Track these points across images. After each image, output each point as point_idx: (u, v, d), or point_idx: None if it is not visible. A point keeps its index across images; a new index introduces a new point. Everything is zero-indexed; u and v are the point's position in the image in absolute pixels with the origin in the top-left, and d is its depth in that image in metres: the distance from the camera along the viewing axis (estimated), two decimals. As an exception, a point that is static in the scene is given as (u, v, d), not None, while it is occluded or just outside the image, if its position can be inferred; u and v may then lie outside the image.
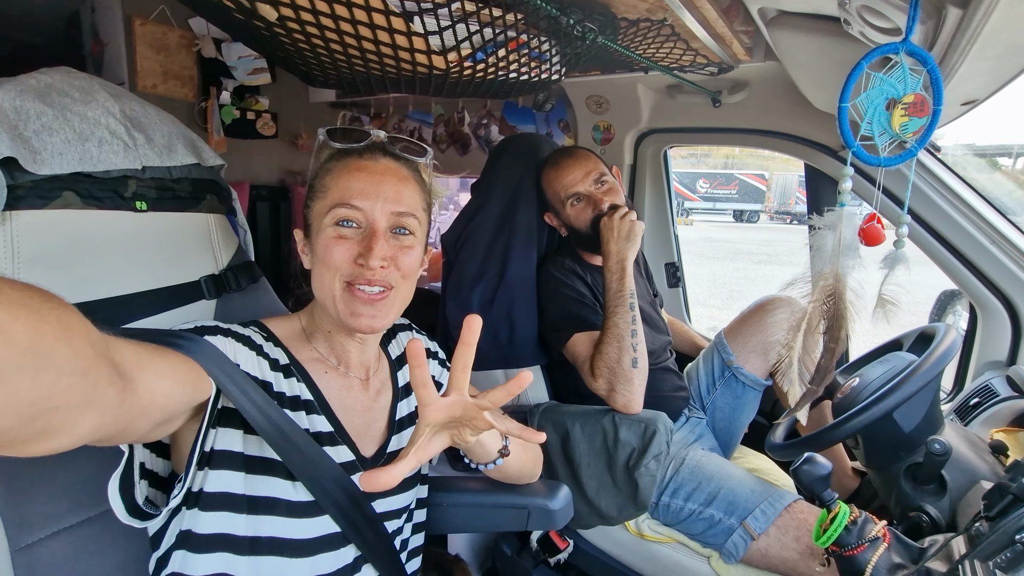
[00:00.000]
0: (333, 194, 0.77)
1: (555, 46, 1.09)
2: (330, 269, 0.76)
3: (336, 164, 0.80)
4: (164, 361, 0.57)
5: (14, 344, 0.36)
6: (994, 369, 1.45)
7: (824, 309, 0.81)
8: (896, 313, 0.80)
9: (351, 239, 0.76)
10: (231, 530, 0.70)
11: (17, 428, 0.39)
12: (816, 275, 0.80)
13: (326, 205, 0.77)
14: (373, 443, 0.85)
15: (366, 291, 0.76)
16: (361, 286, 0.76)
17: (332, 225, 0.76)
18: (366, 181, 0.77)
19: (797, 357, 0.90)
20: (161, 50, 2.06)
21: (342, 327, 0.81)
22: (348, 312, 0.76)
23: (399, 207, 0.78)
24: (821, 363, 0.88)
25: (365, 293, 0.76)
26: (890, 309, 0.81)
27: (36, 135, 0.72)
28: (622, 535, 1.32)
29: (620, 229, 1.30)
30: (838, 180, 0.93)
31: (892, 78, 0.63)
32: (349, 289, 0.76)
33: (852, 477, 1.51)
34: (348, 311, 0.76)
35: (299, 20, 0.81)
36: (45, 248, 0.74)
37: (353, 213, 0.76)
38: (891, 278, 0.78)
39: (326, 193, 0.78)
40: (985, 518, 0.88)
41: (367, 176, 0.78)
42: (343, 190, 0.77)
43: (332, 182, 0.79)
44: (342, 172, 0.79)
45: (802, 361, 0.92)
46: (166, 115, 0.90)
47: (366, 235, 0.76)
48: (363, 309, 0.77)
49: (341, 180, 0.78)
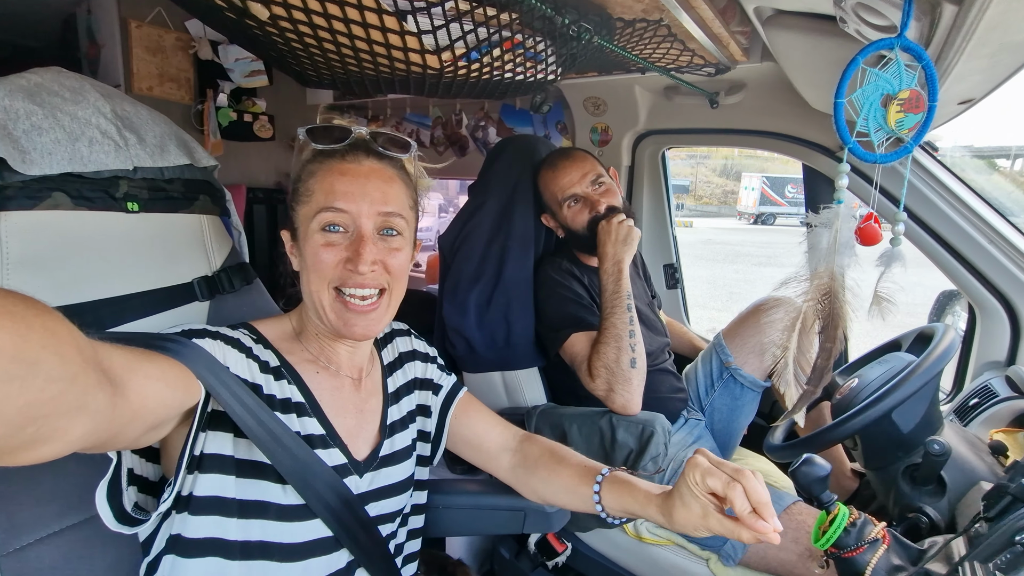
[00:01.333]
0: (318, 198, 0.76)
1: (550, 46, 1.08)
2: (319, 276, 0.76)
3: (319, 167, 0.79)
4: (153, 365, 0.57)
5: (0, 353, 0.35)
6: (993, 369, 1.45)
7: (819, 308, 0.81)
8: (892, 311, 0.79)
9: (339, 244, 0.76)
10: (222, 534, 0.69)
11: (7, 437, 0.39)
12: (812, 273, 0.80)
13: (311, 210, 0.76)
14: (366, 446, 0.84)
15: (357, 301, 0.76)
16: (351, 290, 0.76)
17: (319, 231, 0.76)
18: (350, 184, 0.76)
19: (792, 358, 0.90)
20: (157, 53, 2.06)
21: (332, 333, 0.80)
22: (340, 322, 0.76)
23: (386, 207, 0.77)
24: (818, 363, 0.87)
25: (356, 304, 0.76)
26: (886, 307, 0.80)
27: (25, 135, 0.71)
28: (620, 538, 1.31)
29: (617, 233, 1.30)
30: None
31: (887, 74, 0.63)
32: (339, 298, 0.76)
33: (851, 478, 1.50)
34: (340, 321, 0.76)
35: (291, 19, 0.80)
36: (35, 249, 0.73)
37: (339, 217, 0.75)
38: (887, 276, 0.77)
39: (310, 197, 0.77)
40: (984, 519, 0.87)
41: (351, 179, 0.77)
42: (327, 194, 0.76)
43: (316, 185, 0.77)
44: (326, 175, 0.77)
45: (797, 362, 0.91)
46: (158, 115, 0.90)
47: (354, 240, 0.76)
48: (356, 319, 0.77)
49: (325, 183, 0.77)
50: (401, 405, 0.92)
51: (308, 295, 0.78)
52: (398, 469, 0.87)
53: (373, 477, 0.83)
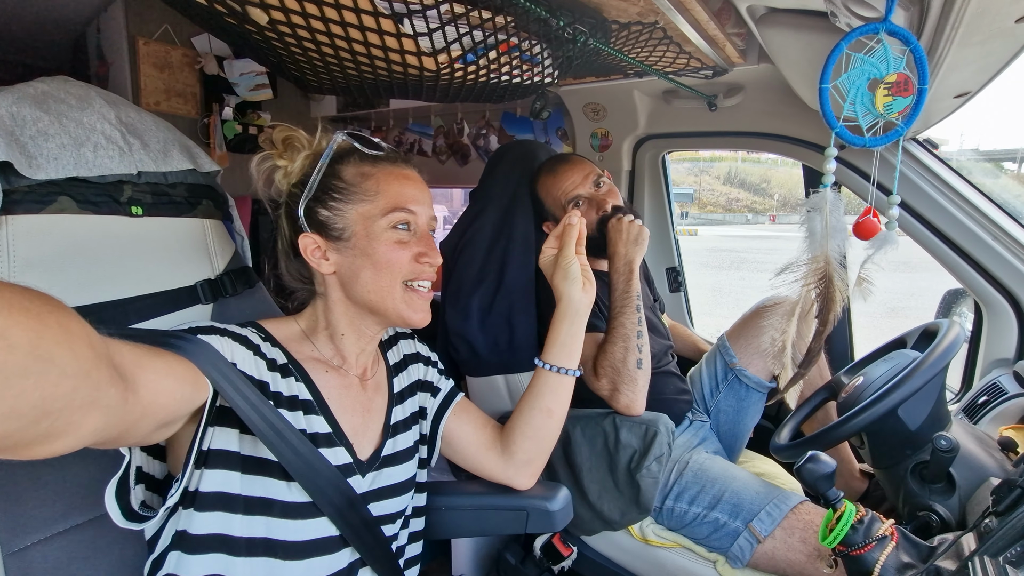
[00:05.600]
0: (384, 198, 0.81)
1: (546, 49, 1.10)
2: (391, 271, 0.80)
3: (376, 170, 0.82)
4: (162, 362, 0.57)
5: (16, 349, 0.36)
6: (1002, 367, 1.43)
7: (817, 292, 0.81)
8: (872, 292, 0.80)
9: (408, 242, 0.82)
10: (227, 531, 0.70)
11: (22, 431, 0.39)
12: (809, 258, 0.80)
13: (377, 208, 0.80)
14: (370, 444, 0.85)
15: (423, 290, 0.84)
16: (420, 283, 0.83)
17: (390, 228, 0.80)
18: (415, 188, 0.84)
19: (791, 341, 0.90)
20: (164, 68, 2.10)
21: (385, 323, 0.86)
22: (409, 308, 0.82)
23: (431, 211, 0.86)
24: (811, 346, 0.87)
25: (424, 292, 0.84)
26: (866, 288, 0.81)
27: (32, 140, 0.73)
28: (626, 541, 1.30)
29: (629, 232, 1.30)
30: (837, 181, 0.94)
31: (873, 58, 0.63)
32: (408, 290, 0.82)
33: (860, 479, 1.48)
34: (410, 308, 0.82)
35: (289, 23, 0.82)
36: (41, 252, 0.75)
37: (410, 217, 0.82)
38: (873, 259, 0.78)
39: (373, 197, 0.81)
40: (994, 513, 0.86)
41: (415, 184, 0.84)
42: (396, 195, 0.81)
43: (377, 187, 0.81)
44: (389, 179, 0.82)
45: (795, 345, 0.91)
46: (162, 122, 0.92)
47: (421, 237, 0.83)
48: (421, 305, 0.84)
49: (392, 186, 0.82)
50: (405, 406, 0.92)
51: (371, 293, 0.81)
52: (400, 470, 0.87)
53: (375, 477, 0.83)
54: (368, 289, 0.80)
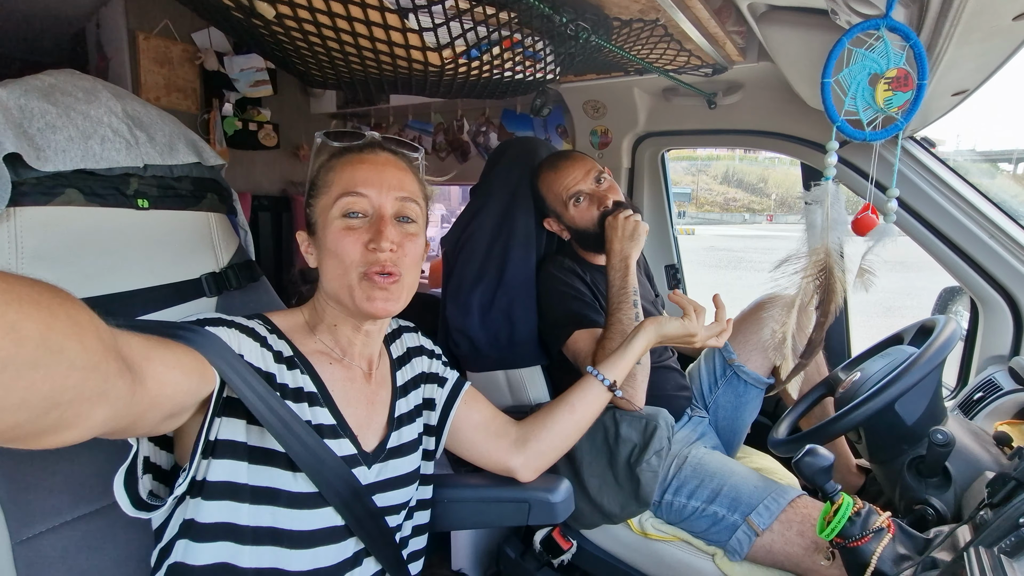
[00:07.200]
0: (337, 186, 0.79)
1: (549, 45, 1.11)
2: (343, 261, 0.77)
3: (337, 161, 0.82)
4: (170, 353, 0.58)
5: (26, 341, 0.36)
6: (997, 363, 1.44)
7: (817, 284, 0.82)
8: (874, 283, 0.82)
9: (359, 228, 0.78)
10: (234, 519, 0.70)
11: (32, 421, 0.40)
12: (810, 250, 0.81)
13: (331, 198, 0.79)
14: (374, 437, 0.85)
15: (379, 278, 0.78)
16: (380, 273, 0.78)
17: (340, 217, 0.78)
18: (369, 171, 0.80)
19: (791, 333, 0.91)
20: (164, 64, 2.10)
21: (354, 316, 0.82)
22: (365, 298, 0.77)
23: (402, 192, 0.81)
24: (812, 337, 0.88)
25: (380, 279, 0.78)
26: (868, 279, 0.82)
27: (40, 132, 0.73)
28: (626, 534, 1.31)
29: (624, 228, 1.32)
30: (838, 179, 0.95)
31: (874, 54, 0.64)
32: (365, 278, 0.78)
33: (856, 474, 1.50)
34: (365, 297, 0.77)
35: (296, 17, 0.83)
36: (48, 244, 0.75)
37: (359, 201, 0.78)
38: (874, 250, 0.79)
39: (329, 187, 0.80)
40: (989, 505, 0.87)
41: (369, 166, 0.80)
42: (347, 180, 0.79)
43: (335, 177, 0.80)
44: (344, 166, 0.81)
45: (795, 337, 0.92)
46: (167, 115, 0.92)
47: (374, 222, 0.78)
48: (378, 294, 0.78)
49: (345, 172, 0.80)
50: (409, 399, 0.93)
51: (331, 281, 0.79)
52: (405, 462, 0.88)
53: (381, 468, 0.84)
54: (328, 279, 0.80)
